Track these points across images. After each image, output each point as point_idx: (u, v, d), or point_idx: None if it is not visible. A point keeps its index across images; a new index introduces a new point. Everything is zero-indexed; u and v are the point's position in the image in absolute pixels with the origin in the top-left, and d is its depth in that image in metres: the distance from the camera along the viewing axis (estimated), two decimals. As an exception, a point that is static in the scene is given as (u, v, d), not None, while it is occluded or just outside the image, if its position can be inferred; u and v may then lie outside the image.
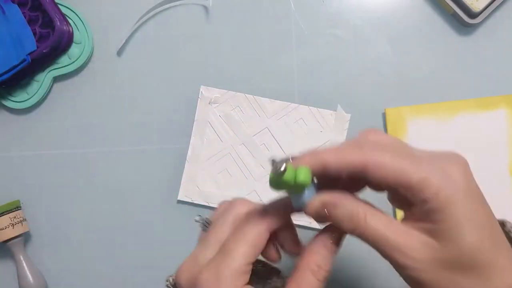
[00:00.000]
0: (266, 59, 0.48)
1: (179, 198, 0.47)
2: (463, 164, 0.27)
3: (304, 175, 0.26)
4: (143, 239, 0.47)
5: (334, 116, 0.46)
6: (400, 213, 0.43)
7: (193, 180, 0.47)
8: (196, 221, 0.33)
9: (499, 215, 0.34)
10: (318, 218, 0.28)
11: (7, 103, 0.48)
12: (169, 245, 0.47)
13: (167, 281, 0.33)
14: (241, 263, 0.27)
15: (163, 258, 0.47)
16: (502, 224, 0.30)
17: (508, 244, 0.27)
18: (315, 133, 0.46)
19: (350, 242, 0.30)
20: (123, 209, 0.48)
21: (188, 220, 0.47)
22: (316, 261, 0.28)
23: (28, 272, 0.46)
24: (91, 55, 0.49)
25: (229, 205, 0.31)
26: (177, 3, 0.48)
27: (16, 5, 0.46)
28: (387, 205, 0.31)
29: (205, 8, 0.48)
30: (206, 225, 0.32)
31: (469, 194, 0.26)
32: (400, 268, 0.26)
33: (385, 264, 0.27)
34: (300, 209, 0.27)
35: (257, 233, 0.28)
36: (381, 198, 0.30)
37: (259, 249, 0.28)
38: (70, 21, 0.48)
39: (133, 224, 0.47)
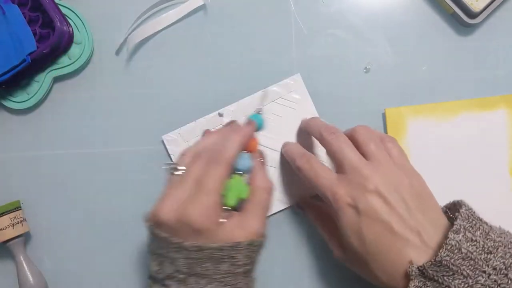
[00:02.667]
0: (266, 59, 0.48)
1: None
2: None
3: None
4: (143, 240, 0.47)
5: (294, 81, 0.47)
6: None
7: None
8: (166, 168, 0.39)
9: (498, 215, 0.35)
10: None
11: (7, 103, 0.48)
12: (169, 245, 0.47)
13: (147, 221, 0.37)
14: (218, 195, 0.35)
15: (163, 258, 0.47)
16: (459, 204, 0.35)
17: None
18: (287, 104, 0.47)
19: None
20: (124, 209, 0.48)
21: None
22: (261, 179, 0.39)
23: (28, 272, 0.46)
24: (91, 56, 0.49)
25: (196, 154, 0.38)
26: (177, 1, 0.48)
27: (16, 6, 0.46)
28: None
29: (205, 8, 0.48)
30: (174, 170, 0.38)
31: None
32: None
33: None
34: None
35: (224, 171, 0.36)
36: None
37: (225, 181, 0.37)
38: (70, 21, 0.48)
39: (133, 224, 0.47)
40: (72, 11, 0.48)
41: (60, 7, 0.47)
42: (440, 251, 0.31)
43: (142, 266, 0.47)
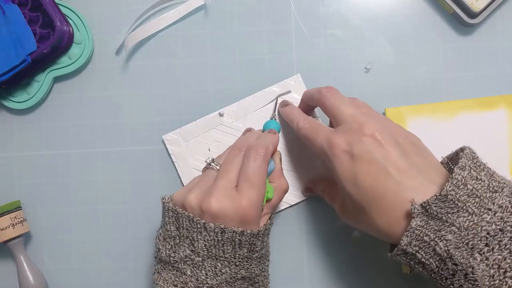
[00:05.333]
0: (266, 59, 0.48)
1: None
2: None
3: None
4: (144, 239, 0.47)
5: (294, 81, 0.47)
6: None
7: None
8: (207, 162, 0.40)
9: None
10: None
11: (8, 103, 0.48)
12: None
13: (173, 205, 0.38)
14: (264, 190, 0.38)
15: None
16: (461, 149, 0.34)
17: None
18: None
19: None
20: (123, 209, 0.48)
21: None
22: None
23: (28, 272, 0.46)
24: (91, 56, 0.49)
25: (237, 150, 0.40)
26: (177, 1, 0.48)
27: (16, 6, 0.46)
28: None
29: (205, 7, 0.48)
30: (211, 164, 0.40)
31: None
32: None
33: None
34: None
35: (267, 167, 0.39)
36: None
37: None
38: (70, 21, 0.48)
39: (133, 224, 0.48)
40: (72, 11, 0.48)
41: (60, 7, 0.47)
42: (446, 184, 0.30)
43: (143, 265, 0.47)
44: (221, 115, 0.47)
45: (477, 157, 0.33)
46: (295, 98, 0.47)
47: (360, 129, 0.35)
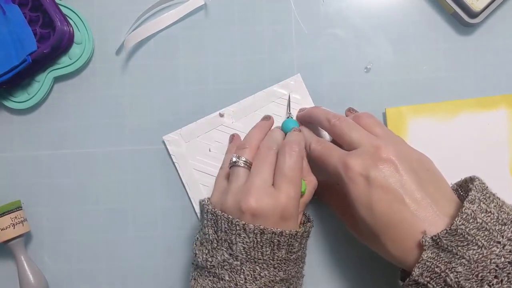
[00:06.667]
0: (266, 59, 0.48)
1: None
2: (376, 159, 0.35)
3: None
4: (144, 239, 0.47)
5: (294, 81, 0.47)
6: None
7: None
8: (233, 160, 0.40)
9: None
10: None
11: (8, 103, 0.48)
12: (170, 245, 0.47)
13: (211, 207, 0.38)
14: (300, 187, 0.38)
15: (164, 258, 0.47)
16: (471, 180, 0.35)
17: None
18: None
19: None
20: (123, 209, 0.48)
21: (189, 219, 0.47)
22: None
23: (29, 272, 0.46)
24: (92, 55, 0.49)
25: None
26: (177, 1, 0.49)
27: (17, 6, 0.46)
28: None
29: (205, 7, 0.48)
30: (238, 163, 0.39)
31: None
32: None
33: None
34: None
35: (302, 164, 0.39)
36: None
37: None
38: (70, 21, 0.48)
39: (133, 224, 0.48)
40: (73, 11, 0.48)
41: (61, 7, 0.47)
42: (456, 219, 0.31)
43: (143, 267, 0.47)
44: (221, 115, 0.47)
45: (487, 187, 0.33)
46: (296, 98, 0.47)
47: (376, 152, 0.35)
